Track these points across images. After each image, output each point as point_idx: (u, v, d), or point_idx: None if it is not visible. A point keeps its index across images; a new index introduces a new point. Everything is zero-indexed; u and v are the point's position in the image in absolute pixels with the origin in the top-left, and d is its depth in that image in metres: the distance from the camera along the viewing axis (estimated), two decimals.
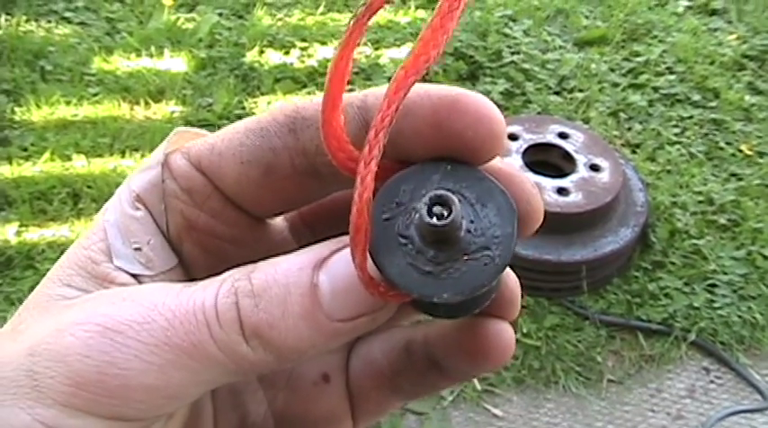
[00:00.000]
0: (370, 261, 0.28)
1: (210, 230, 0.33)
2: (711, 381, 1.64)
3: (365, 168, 0.27)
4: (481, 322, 0.33)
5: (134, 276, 0.31)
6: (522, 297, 1.30)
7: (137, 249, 0.32)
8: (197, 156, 0.32)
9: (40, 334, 0.28)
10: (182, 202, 0.32)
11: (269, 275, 0.28)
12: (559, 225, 1.68)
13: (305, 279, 0.28)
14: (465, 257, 0.28)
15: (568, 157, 1.78)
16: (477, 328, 0.33)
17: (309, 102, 0.31)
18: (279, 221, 0.36)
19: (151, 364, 0.27)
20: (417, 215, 0.28)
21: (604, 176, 1.74)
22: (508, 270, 0.31)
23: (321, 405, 0.36)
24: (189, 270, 0.33)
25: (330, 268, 0.28)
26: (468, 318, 0.33)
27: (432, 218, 0.27)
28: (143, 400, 0.27)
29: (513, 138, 1.80)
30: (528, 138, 1.81)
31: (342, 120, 0.28)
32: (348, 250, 0.28)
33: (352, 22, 0.28)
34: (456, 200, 0.27)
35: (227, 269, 0.29)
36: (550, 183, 1.71)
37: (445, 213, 0.27)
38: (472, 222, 0.28)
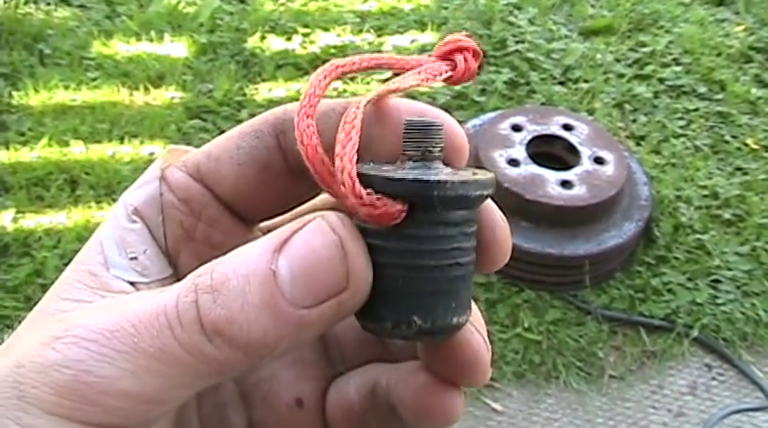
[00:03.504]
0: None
1: (207, 239, 0.33)
2: (713, 378, 1.62)
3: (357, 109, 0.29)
4: (436, 383, 0.32)
5: (132, 284, 0.31)
6: (524, 290, 1.29)
7: (132, 258, 0.32)
8: (195, 165, 0.33)
9: (26, 348, 0.28)
10: (180, 213, 0.32)
11: (229, 266, 0.28)
12: (563, 218, 1.66)
13: (263, 265, 0.27)
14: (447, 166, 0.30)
15: (573, 149, 1.76)
16: (430, 387, 0.32)
17: (297, 104, 0.31)
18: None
19: (125, 371, 0.27)
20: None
21: (609, 169, 1.72)
22: (473, 332, 0.31)
23: None
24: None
25: (290, 250, 0.27)
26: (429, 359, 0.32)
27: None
28: (122, 407, 0.27)
29: (517, 129, 1.78)
30: (532, 130, 1.79)
31: (315, 128, 0.29)
32: (309, 227, 0.27)
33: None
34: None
35: None
36: (554, 176, 1.69)
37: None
38: None
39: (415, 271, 0.28)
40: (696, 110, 2.11)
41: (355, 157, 0.28)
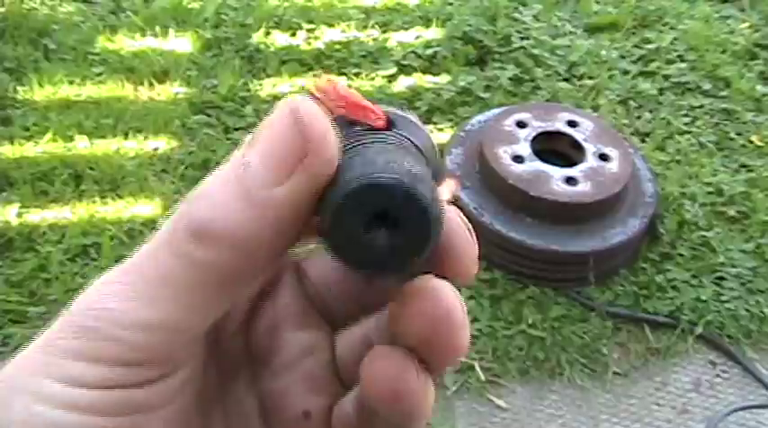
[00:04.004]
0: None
1: None
2: (717, 375, 1.62)
3: None
4: (381, 358, 0.30)
5: None
6: (528, 287, 1.27)
7: None
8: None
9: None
10: None
11: (209, 176, 0.28)
12: (567, 215, 1.66)
13: (237, 160, 0.28)
14: None
15: (577, 146, 1.76)
16: (375, 367, 0.30)
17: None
18: None
19: (136, 300, 0.28)
20: None
21: (613, 166, 1.72)
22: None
23: None
24: None
25: (256, 139, 0.28)
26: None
27: None
28: (143, 339, 0.28)
29: (521, 125, 1.78)
30: (537, 126, 1.78)
31: None
32: (268, 117, 0.28)
33: None
34: None
35: None
36: (559, 173, 1.69)
37: None
38: None
39: (382, 145, 0.30)
40: (701, 106, 2.11)
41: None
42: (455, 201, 0.32)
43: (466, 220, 0.31)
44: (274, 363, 0.35)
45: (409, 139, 0.31)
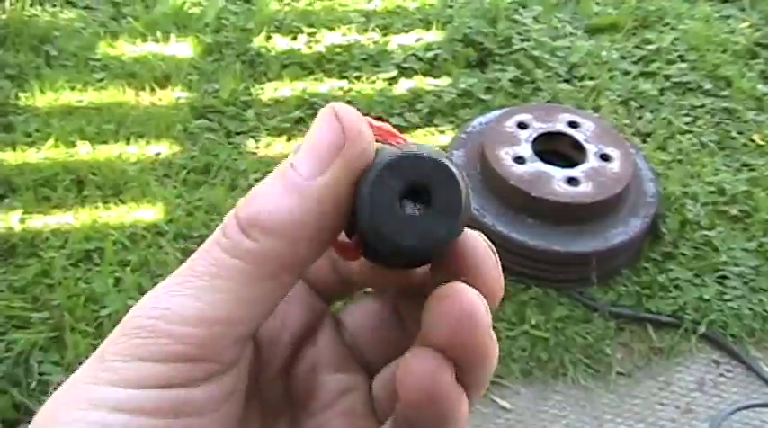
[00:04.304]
0: None
1: None
2: (721, 374, 1.62)
3: None
4: (414, 359, 0.31)
5: None
6: (530, 288, 1.28)
7: None
8: None
9: None
10: None
11: (259, 183, 0.31)
12: (569, 215, 1.66)
13: (284, 164, 0.31)
14: None
15: (579, 147, 1.76)
16: (408, 370, 0.31)
17: None
18: None
19: (188, 296, 0.29)
20: None
21: (615, 166, 1.72)
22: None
23: None
24: None
25: (301, 146, 0.31)
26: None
27: None
28: (193, 333, 0.29)
29: (522, 126, 1.78)
30: (538, 127, 1.78)
31: None
32: (317, 125, 0.31)
33: None
34: None
35: None
36: (560, 173, 1.69)
37: None
38: None
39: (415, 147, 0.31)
40: (702, 106, 2.11)
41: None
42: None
43: (490, 244, 0.32)
44: (312, 406, 0.36)
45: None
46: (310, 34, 2.22)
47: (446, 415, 0.30)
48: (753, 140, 2.02)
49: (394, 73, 2.10)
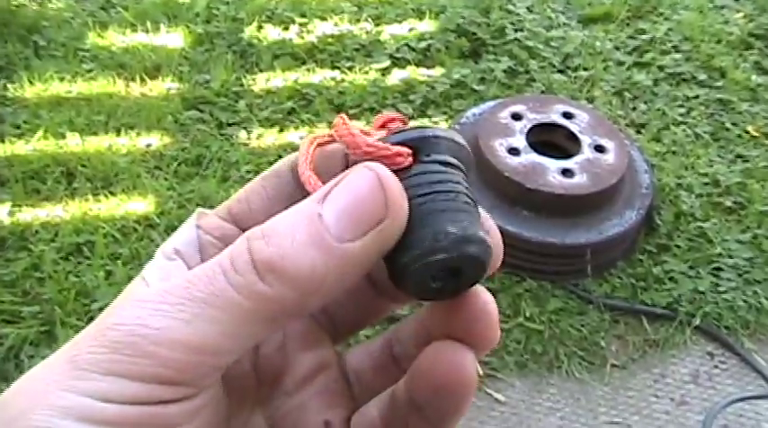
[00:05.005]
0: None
1: None
2: (716, 366, 1.62)
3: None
4: (446, 343, 0.33)
5: None
6: (525, 280, 1.29)
7: None
8: (225, 209, 0.36)
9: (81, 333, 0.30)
10: (216, 248, 0.34)
11: (277, 219, 0.30)
12: (564, 207, 1.65)
13: (310, 211, 0.29)
14: None
15: (573, 138, 1.75)
16: (441, 347, 0.33)
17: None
18: None
19: (179, 320, 0.28)
20: None
21: (610, 158, 1.71)
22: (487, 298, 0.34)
23: None
24: None
25: (333, 195, 0.30)
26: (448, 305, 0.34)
27: None
28: (176, 357, 0.28)
29: (516, 117, 1.77)
30: (532, 118, 1.77)
31: (316, 177, 0.33)
32: (351, 174, 0.30)
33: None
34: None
35: None
36: (555, 165, 1.68)
37: None
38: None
39: (434, 194, 0.31)
40: (696, 97, 2.10)
41: (357, 130, 0.33)
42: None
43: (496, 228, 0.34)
44: (286, 383, 0.36)
45: (439, 162, 0.33)
46: (302, 24, 2.20)
47: (469, 397, 0.33)
48: (747, 132, 2.02)
49: (387, 63, 2.09)
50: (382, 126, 0.36)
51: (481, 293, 0.33)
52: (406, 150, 0.32)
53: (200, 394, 0.30)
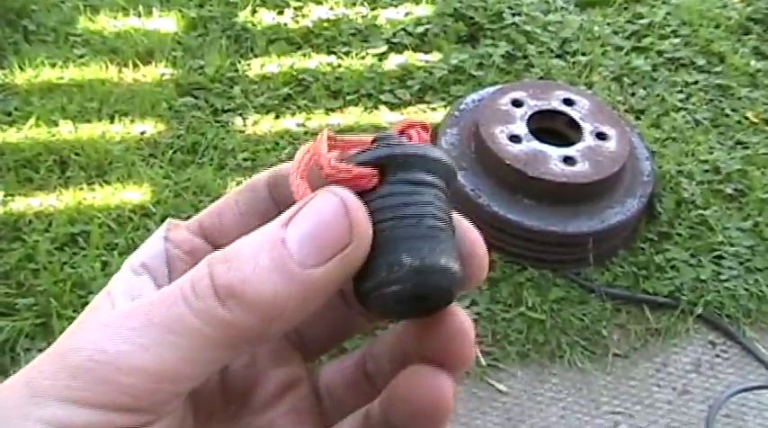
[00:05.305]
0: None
1: None
2: (717, 356, 1.61)
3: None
4: (424, 368, 0.33)
5: None
6: (526, 269, 1.28)
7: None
8: (197, 223, 0.35)
9: (39, 357, 0.29)
10: (185, 263, 0.34)
11: (240, 243, 0.29)
12: (566, 195, 1.64)
13: (273, 235, 0.29)
14: None
15: (574, 125, 1.73)
16: (418, 372, 0.33)
17: (286, 165, 0.35)
18: None
19: (138, 345, 0.28)
20: None
21: (611, 145, 1.69)
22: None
23: None
24: None
25: (297, 219, 0.29)
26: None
27: None
28: (133, 384, 0.27)
29: (517, 104, 1.75)
30: (533, 105, 1.75)
31: (306, 185, 0.32)
32: (315, 198, 0.30)
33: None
34: None
35: None
36: (557, 152, 1.66)
37: None
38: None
39: (396, 220, 0.31)
40: (695, 83, 2.08)
41: (326, 150, 0.32)
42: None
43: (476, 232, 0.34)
44: (255, 401, 0.36)
45: (408, 182, 0.32)
46: (297, 8, 2.17)
47: (446, 419, 0.32)
48: (747, 118, 2.00)
49: (383, 48, 2.06)
50: (402, 131, 0.35)
51: (457, 313, 0.33)
52: (369, 172, 0.31)
53: (160, 420, 0.29)
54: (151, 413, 0.28)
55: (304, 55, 2.04)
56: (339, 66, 2.02)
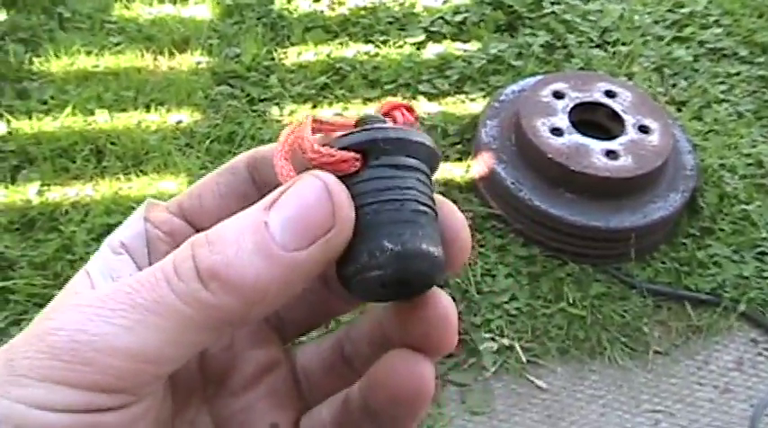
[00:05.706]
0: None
1: None
2: (759, 354, 1.58)
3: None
4: (405, 353, 0.33)
5: None
6: (567, 264, 1.25)
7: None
8: (177, 204, 0.36)
9: (19, 335, 0.29)
10: (165, 244, 0.34)
11: (223, 226, 0.30)
12: (608, 190, 1.61)
13: (256, 218, 0.29)
14: None
15: (616, 117, 1.70)
16: (400, 357, 0.33)
17: (267, 146, 0.35)
18: None
19: (120, 326, 0.27)
20: None
21: (654, 138, 1.66)
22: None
23: None
24: None
25: (280, 203, 0.29)
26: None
27: None
28: (116, 365, 0.27)
29: (558, 96, 1.72)
30: (574, 97, 1.72)
31: (290, 166, 0.32)
32: (298, 182, 0.30)
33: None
34: None
35: None
36: (599, 146, 1.63)
37: None
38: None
39: (378, 205, 0.31)
40: (738, 74, 2.04)
41: (309, 133, 0.32)
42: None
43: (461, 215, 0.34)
44: (233, 383, 0.36)
45: (390, 166, 0.32)
46: None
47: (426, 404, 0.32)
48: None
49: (422, 37, 2.03)
50: (386, 113, 0.35)
51: (440, 297, 0.33)
52: (351, 156, 0.31)
53: (140, 401, 0.29)
54: (131, 394, 0.28)
55: (341, 43, 2.02)
56: (377, 55, 1.99)
